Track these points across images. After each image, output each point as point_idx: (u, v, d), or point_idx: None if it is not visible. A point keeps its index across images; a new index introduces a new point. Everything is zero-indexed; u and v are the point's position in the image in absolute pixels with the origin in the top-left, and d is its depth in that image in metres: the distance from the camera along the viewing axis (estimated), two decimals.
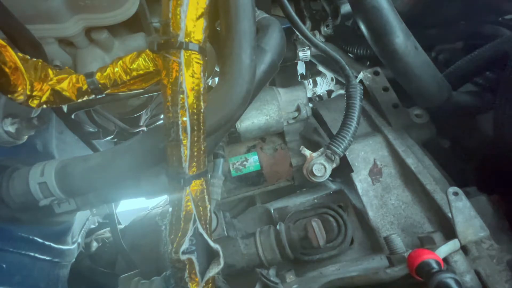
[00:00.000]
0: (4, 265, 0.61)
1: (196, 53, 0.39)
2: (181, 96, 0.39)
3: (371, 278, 0.47)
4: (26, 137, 0.60)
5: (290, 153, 0.72)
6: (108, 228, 1.01)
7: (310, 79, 1.30)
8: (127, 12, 0.56)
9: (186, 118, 0.40)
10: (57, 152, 0.78)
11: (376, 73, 0.74)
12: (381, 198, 0.61)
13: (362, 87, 0.61)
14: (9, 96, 0.44)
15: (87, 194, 0.55)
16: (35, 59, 0.45)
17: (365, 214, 0.60)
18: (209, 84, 1.00)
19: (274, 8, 0.81)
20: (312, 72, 1.24)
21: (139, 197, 0.57)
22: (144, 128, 0.98)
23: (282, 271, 0.53)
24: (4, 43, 0.41)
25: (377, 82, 0.72)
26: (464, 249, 0.49)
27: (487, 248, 0.50)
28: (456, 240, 0.48)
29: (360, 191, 0.61)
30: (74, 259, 0.80)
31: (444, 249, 0.47)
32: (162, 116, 1.06)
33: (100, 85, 0.46)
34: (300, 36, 0.63)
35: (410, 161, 0.61)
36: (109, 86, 0.47)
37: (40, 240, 0.68)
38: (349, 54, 0.96)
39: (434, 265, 0.42)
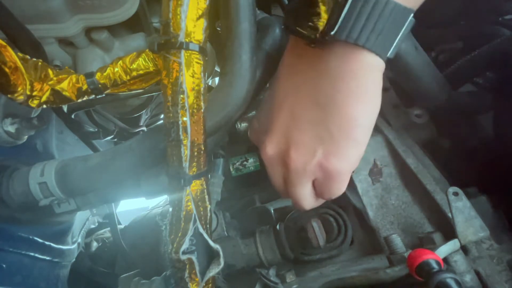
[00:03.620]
0: (4, 265, 0.61)
1: (197, 53, 0.39)
2: (182, 96, 0.39)
3: (371, 278, 0.47)
4: (26, 137, 0.60)
5: None
6: (108, 228, 1.01)
7: None
8: (127, 12, 0.56)
9: (186, 118, 0.40)
10: (57, 152, 0.78)
11: None
12: (381, 198, 0.61)
13: None
14: (9, 96, 0.44)
15: (87, 194, 0.55)
16: (35, 59, 0.45)
17: (365, 214, 0.60)
18: (209, 84, 1.00)
19: (274, 8, 0.81)
20: None
21: (139, 197, 0.57)
22: (144, 128, 0.99)
23: (282, 271, 0.53)
24: (4, 43, 0.41)
25: None
26: (464, 249, 0.49)
27: (487, 248, 0.50)
28: (456, 240, 0.48)
29: (360, 191, 0.61)
30: (74, 259, 0.80)
31: (444, 249, 0.47)
32: (162, 116, 1.07)
33: (100, 85, 0.46)
34: None
35: (410, 161, 0.61)
36: (109, 86, 0.47)
37: (40, 240, 0.68)
38: None
39: (434, 265, 0.42)
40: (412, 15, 0.34)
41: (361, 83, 0.36)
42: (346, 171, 0.40)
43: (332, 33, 0.32)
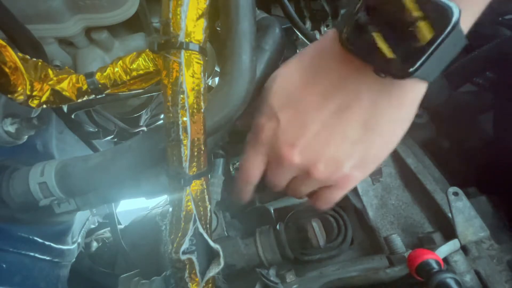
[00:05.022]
0: (4, 265, 0.61)
1: (197, 53, 0.39)
2: (181, 96, 0.39)
3: (371, 278, 0.47)
4: (26, 137, 0.60)
5: None
6: (108, 228, 1.01)
7: None
8: (127, 12, 0.56)
9: (186, 118, 0.40)
10: (57, 152, 0.78)
11: None
12: (381, 198, 0.61)
13: None
14: (9, 96, 0.44)
15: (87, 194, 0.55)
16: (35, 59, 0.45)
17: (365, 214, 0.60)
18: (209, 84, 1.00)
19: (274, 8, 0.81)
20: None
21: (139, 197, 0.57)
22: (144, 128, 0.98)
23: (282, 271, 0.53)
24: (4, 43, 0.41)
25: None
26: (464, 249, 0.49)
27: (487, 248, 0.50)
28: (456, 240, 0.48)
29: (360, 191, 0.61)
30: (74, 259, 0.80)
31: (444, 249, 0.47)
32: (162, 116, 1.06)
33: (100, 85, 0.46)
34: (300, 36, 0.63)
35: (410, 161, 0.61)
36: (109, 86, 0.47)
37: (40, 240, 0.68)
38: None
39: (434, 265, 0.42)
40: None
41: (410, 112, 0.37)
42: (360, 180, 0.42)
43: (411, 70, 0.31)
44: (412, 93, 0.37)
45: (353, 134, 0.39)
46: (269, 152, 0.45)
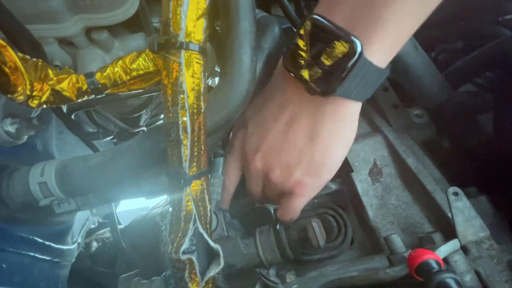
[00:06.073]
0: (4, 265, 0.61)
1: (197, 53, 0.39)
2: (182, 96, 0.39)
3: (371, 278, 0.47)
4: (26, 137, 0.60)
5: None
6: (108, 228, 1.01)
7: None
8: (127, 12, 0.56)
9: (186, 118, 0.40)
10: (57, 152, 0.78)
11: None
12: (381, 198, 0.61)
13: None
14: (9, 96, 0.44)
15: (87, 194, 0.55)
16: (35, 59, 0.45)
17: (365, 214, 0.60)
18: (209, 84, 1.00)
19: (274, 8, 0.81)
20: None
21: (139, 197, 0.57)
22: (144, 128, 0.98)
23: (282, 271, 0.53)
24: (4, 43, 0.41)
25: None
26: (464, 249, 0.49)
27: (487, 248, 0.50)
28: (456, 240, 0.48)
29: (360, 191, 0.61)
30: (74, 259, 0.80)
31: (444, 249, 0.47)
32: (162, 116, 1.06)
33: (100, 85, 0.46)
34: None
35: (410, 161, 0.61)
36: (109, 86, 0.47)
37: (40, 240, 0.68)
38: None
39: (434, 265, 0.42)
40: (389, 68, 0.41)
41: (345, 126, 0.45)
42: (316, 188, 0.50)
43: (333, 91, 0.39)
44: (344, 109, 0.44)
45: (300, 143, 0.47)
46: (241, 158, 0.55)
